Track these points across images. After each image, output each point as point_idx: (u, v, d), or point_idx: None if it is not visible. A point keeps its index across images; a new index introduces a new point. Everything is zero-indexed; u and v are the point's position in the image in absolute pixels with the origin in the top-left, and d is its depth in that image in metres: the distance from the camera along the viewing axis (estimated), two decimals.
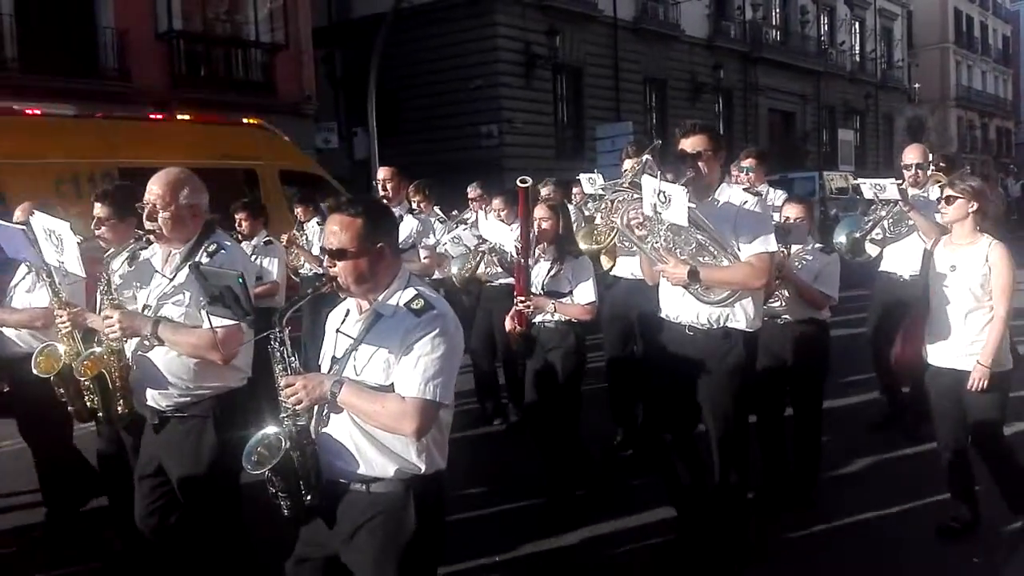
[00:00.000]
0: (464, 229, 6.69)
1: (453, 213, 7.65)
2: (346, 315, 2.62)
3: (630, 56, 26.54)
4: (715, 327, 3.71)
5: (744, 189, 6.34)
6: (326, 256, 2.53)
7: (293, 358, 2.50)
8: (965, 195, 4.02)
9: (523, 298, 4.53)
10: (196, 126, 10.00)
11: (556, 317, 4.65)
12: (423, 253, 5.83)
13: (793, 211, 4.73)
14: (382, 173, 6.14)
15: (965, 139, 51.82)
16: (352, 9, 24.21)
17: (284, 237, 7.03)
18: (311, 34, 19.17)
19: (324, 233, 2.58)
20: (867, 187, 5.79)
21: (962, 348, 4.02)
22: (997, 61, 57.54)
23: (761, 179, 6.52)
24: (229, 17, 17.55)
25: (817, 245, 4.75)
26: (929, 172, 6.01)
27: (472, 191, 7.29)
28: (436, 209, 7.42)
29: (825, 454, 4.97)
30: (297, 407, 2.45)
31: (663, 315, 3.91)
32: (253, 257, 6.09)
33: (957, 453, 4.21)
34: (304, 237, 7.20)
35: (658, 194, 3.48)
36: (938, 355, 4.15)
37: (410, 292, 2.50)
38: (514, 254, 4.87)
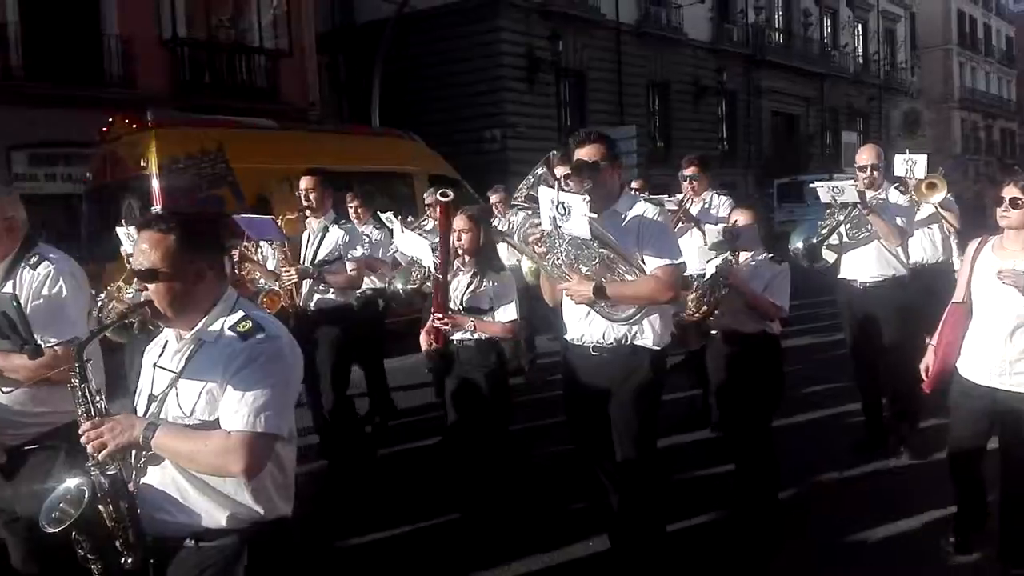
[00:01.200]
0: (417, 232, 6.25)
1: (408, 219, 7.24)
2: (164, 347, 2.29)
3: (633, 60, 26.56)
4: (622, 345, 3.52)
5: (683, 198, 6.18)
6: (136, 278, 2.24)
7: (99, 397, 2.20)
8: None
9: (440, 315, 4.33)
10: (368, 138, 12.56)
11: (476, 335, 4.40)
12: (350, 265, 5.40)
13: (742, 217, 4.51)
14: (304, 182, 5.45)
15: (969, 140, 51.73)
16: (355, 14, 24.27)
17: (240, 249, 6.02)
18: (315, 40, 19.21)
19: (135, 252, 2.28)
20: (824, 190, 5.42)
21: (1003, 367, 3.65)
22: (1001, 62, 57.44)
23: (705, 187, 6.33)
24: (233, 24, 17.59)
25: (766, 255, 4.52)
26: (915, 177, 5.75)
27: (429, 197, 6.87)
28: (390, 215, 6.94)
29: (812, 465, 4.85)
30: (101, 455, 2.10)
31: (567, 337, 3.70)
32: None
33: (971, 473, 3.95)
34: (260, 252, 5.88)
35: (556, 206, 3.27)
36: (973, 370, 3.79)
37: (237, 315, 2.20)
38: (432, 269, 4.61)
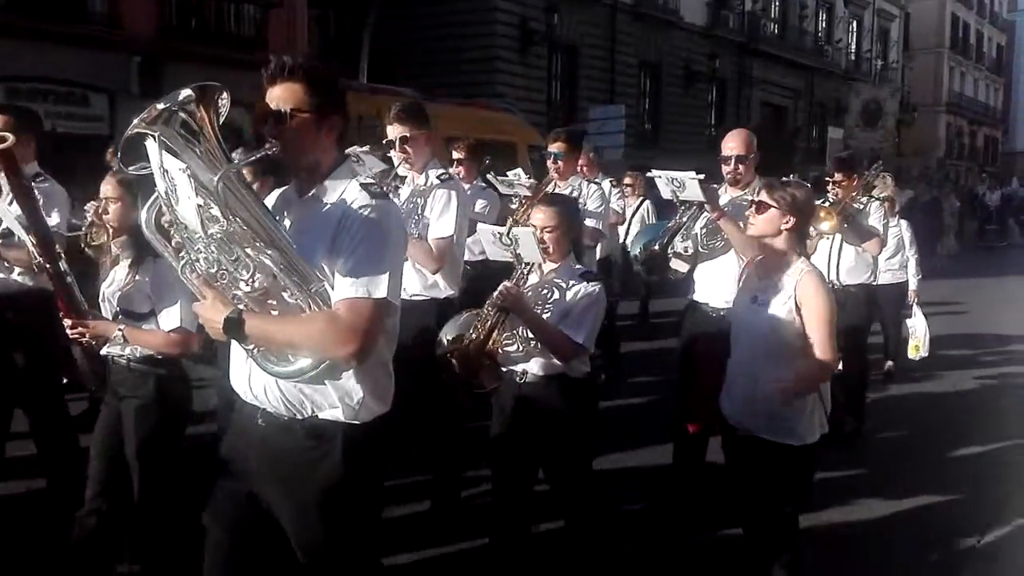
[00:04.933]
0: None
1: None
2: None
3: (627, 39, 26.37)
4: (298, 417, 2.26)
5: (544, 182, 4.98)
6: None
7: None
8: (780, 205, 3.05)
9: (71, 321, 3.09)
10: (485, 111, 14.27)
11: (130, 351, 3.16)
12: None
13: (539, 217, 3.33)
14: None
15: (953, 145, 52.21)
16: None
17: None
18: None
19: None
20: (663, 182, 4.12)
21: (754, 405, 3.07)
22: (990, 70, 57.83)
23: (573, 169, 5.25)
24: None
25: (578, 267, 3.41)
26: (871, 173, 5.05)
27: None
28: None
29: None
30: None
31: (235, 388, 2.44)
32: None
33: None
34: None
35: (163, 174, 2.03)
36: (730, 411, 3.22)
37: None
38: (36, 255, 3.24)
